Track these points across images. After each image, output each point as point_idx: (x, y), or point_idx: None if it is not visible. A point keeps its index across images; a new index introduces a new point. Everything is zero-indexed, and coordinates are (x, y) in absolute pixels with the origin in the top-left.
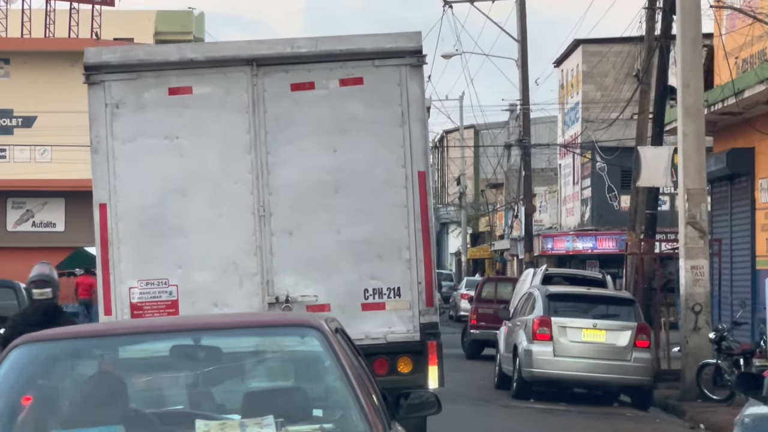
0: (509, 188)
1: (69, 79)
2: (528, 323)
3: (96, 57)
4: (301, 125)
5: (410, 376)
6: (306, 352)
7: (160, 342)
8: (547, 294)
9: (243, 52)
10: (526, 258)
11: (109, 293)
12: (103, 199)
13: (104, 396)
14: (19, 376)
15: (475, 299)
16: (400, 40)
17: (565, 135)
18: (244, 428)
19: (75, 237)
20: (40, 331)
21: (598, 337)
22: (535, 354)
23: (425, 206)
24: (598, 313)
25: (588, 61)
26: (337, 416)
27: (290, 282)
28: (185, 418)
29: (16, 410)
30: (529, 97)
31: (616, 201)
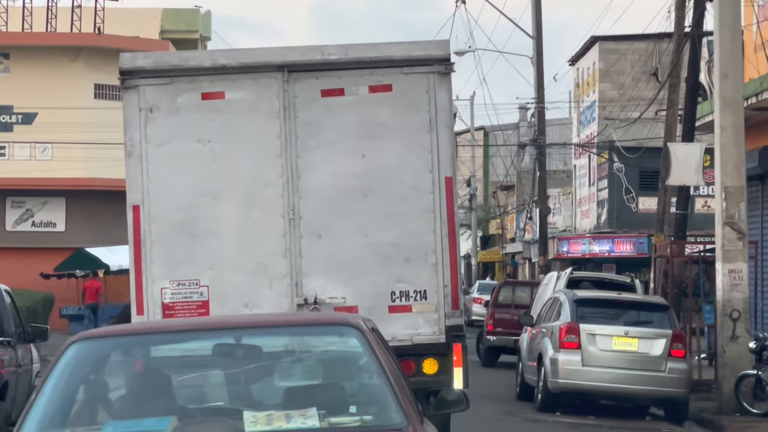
0: (521, 190)
1: (71, 74)
2: (554, 330)
3: (131, 62)
4: (330, 131)
5: (435, 378)
6: (345, 350)
7: (207, 340)
8: (575, 299)
9: (275, 58)
10: (540, 261)
11: (142, 293)
12: (137, 201)
13: (154, 389)
14: (75, 371)
15: (492, 304)
16: (429, 48)
17: (580, 135)
18: (290, 419)
19: (75, 237)
20: (95, 329)
21: (630, 345)
22: (562, 363)
23: (451, 211)
24: (629, 319)
25: (605, 59)
26: (375, 409)
27: (319, 284)
28: (233, 410)
29: (73, 401)
30: (544, 96)
31: (634, 203)
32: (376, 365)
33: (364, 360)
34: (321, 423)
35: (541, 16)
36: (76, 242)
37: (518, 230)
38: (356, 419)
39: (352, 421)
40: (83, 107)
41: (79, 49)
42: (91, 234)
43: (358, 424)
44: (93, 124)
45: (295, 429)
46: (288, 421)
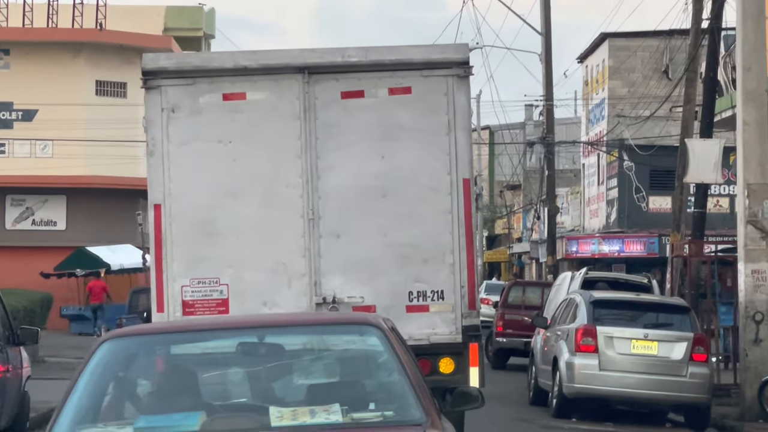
0: (528, 189)
1: (72, 70)
2: (570, 333)
3: (153, 63)
4: (350, 132)
5: (452, 377)
6: (366, 348)
7: (232, 339)
8: (592, 300)
9: (295, 60)
10: (548, 261)
11: (162, 291)
12: (158, 200)
13: (182, 386)
14: (107, 368)
15: (501, 305)
16: (448, 52)
17: (589, 133)
18: (314, 414)
19: (76, 236)
20: (125, 328)
21: (649, 349)
22: (579, 367)
23: (469, 212)
24: (648, 321)
25: (615, 56)
26: (396, 406)
27: (337, 283)
28: (259, 406)
29: (105, 397)
30: (553, 93)
31: (644, 202)
32: (396, 363)
33: (385, 358)
34: (344, 418)
35: (550, 12)
36: (76, 241)
37: (525, 230)
38: (377, 415)
39: (374, 417)
40: (84, 104)
41: (80, 45)
42: (92, 233)
43: (379, 420)
44: (94, 121)
45: (319, 424)
46: (312, 417)
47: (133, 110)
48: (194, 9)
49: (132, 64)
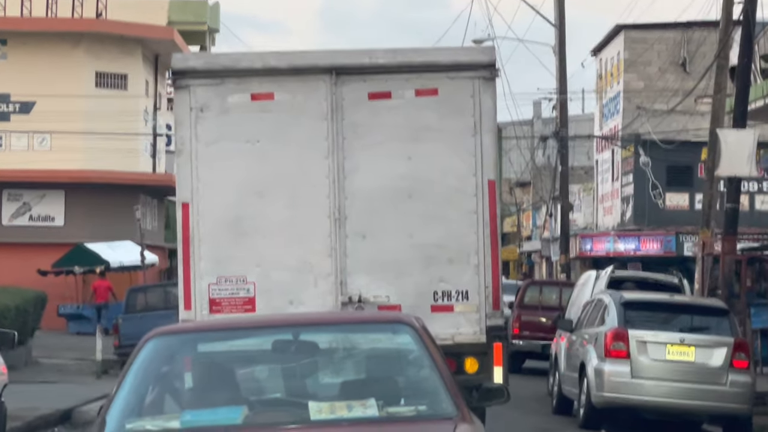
0: (540, 186)
1: (71, 62)
2: (599, 337)
3: (183, 63)
4: (377, 133)
5: (476, 376)
6: (400, 346)
7: (271, 336)
8: (622, 301)
9: (323, 61)
10: (561, 260)
11: (189, 289)
12: (186, 198)
13: (224, 382)
14: (152, 364)
15: (517, 305)
16: (474, 54)
17: (603, 128)
18: (351, 409)
19: (75, 232)
20: (169, 326)
21: (686, 354)
22: (609, 375)
23: (494, 213)
24: (684, 325)
25: (630, 49)
26: (428, 400)
27: (363, 283)
28: (298, 401)
29: (151, 392)
30: (567, 86)
31: (661, 199)
32: (429, 360)
33: (417, 355)
34: (380, 412)
35: (564, 2)
36: (75, 237)
37: (535, 228)
38: (411, 409)
39: (408, 411)
40: (84, 95)
41: (80, 36)
42: (91, 229)
43: (413, 414)
44: (94, 113)
45: (357, 417)
46: (349, 411)
47: (133, 102)
48: (198, 3)
49: (133, 55)
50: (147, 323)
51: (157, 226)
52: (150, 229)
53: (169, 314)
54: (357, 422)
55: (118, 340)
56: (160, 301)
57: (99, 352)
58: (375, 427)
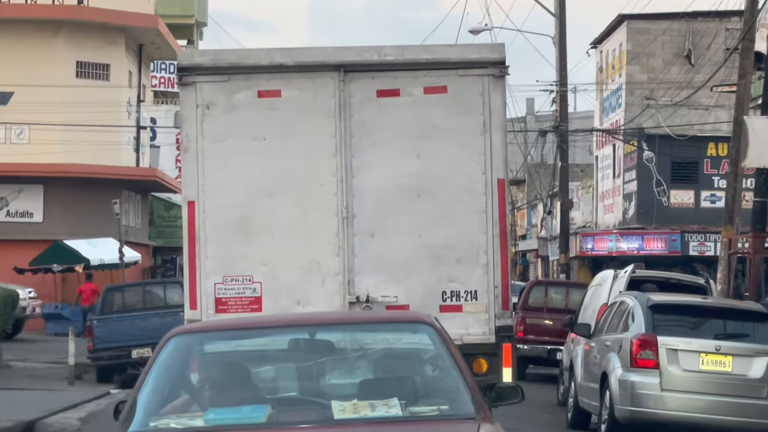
0: (533, 185)
1: (51, 50)
2: (623, 344)
3: (189, 59)
4: (385, 131)
5: (485, 377)
6: (421, 345)
7: (292, 335)
8: (650, 304)
9: (331, 58)
10: (561, 259)
11: (195, 288)
12: (192, 196)
13: (247, 380)
14: (175, 362)
15: (521, 307)
16: (484, 51)
17: (603, 123)
18: (374, 408)
19: (54, 229)
20: (190, 324)
21: (722, 364)
22: (636, 387)
23: (503, 212)
24: (720, 331)
25: (634, 40)
26: (450, 400)
27: (371, 282)
28: (321, 400)
29: (174, 390)
30: (567, 79)
31: (665, 196)
32: (450, 360)
33: (438, 355)
34: (403, 412)
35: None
36: (54, 234)
37: (530, 227)
38: (433, 409)
39: (430, 411)
40: (64, 86)
41: (60, 23)
42: (71, 225)
43: (435, 413)
44: (74, 104)
45: (380, 417)
46: (373, 410)
47: (116, 93)
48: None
49: (115, 44)
50: (123, 325)
51: (140, 222)
52: (133, 225)
53: (147, 316)
54: (381, 421)
55: (92, 343)
56: (138, 301)
57: (72, 357)
58: (399, 426)
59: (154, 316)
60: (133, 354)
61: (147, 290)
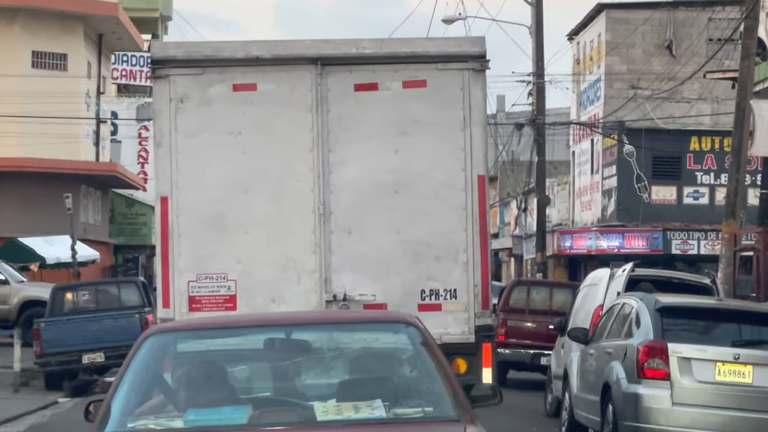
0: (505, 182)
1: (5, 39)
2: (628, 351)
3: (162, 51)
4: (363, 125)
5: (464, 377)
6: (404, 346)
7: (272, 334)
8: (658, 307)
9: (309, 51)
10: (538, 258)
11: (168, 286)
12: (165, 192)
13: (226, 380)
14: (152, 362)
15: (501, 308)
16: (464, 45)
17: (580, 117)
18: (357, 410)
19: (8, 226)
20: (167, 324)
21: (741, 375)
22: (643, 400)
23: (483, 210)
24: (738, 338)
25: (613, 30)
26: (435, 402)
27: (348, 280)
28: (303, 401)
29: (151, 391)
30: (545, 70)
31: (647, 192)
32: (433, 361)
33: (422, 356)
34: (387, 414)
35: None
36: (7, 231)
37: (503, 225)
38: (418, 411)
39: (414, 413)
40: (19, 76)
41: (15, 11)
42: (26, 222)
43: (420, 416)
44: (30, 95)
45: (364, 419)
46: (356, 411)
47: (74, 84)
48: None
49: (74, 33)
50: (73, 328)
51: (100, 220)
52: (92, 223)
53: (99, 318)
54: (364, 423)
55: (40, 347)
56: (91, 301)
57: (17, 362)
58: (383, 428)
59: (107, 318)
60: (84, 359)
61: (100, 290)
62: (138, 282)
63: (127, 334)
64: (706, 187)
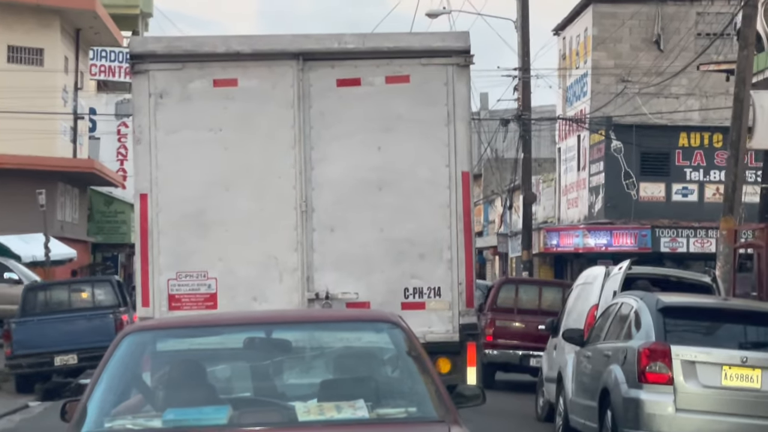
0: (489, 179)
1: None
2: (628, 354)
3: (141, 46)
4: (346, 122)
5: (448, 377)
6: (387, 345)
7: (254, 333)
8: (661, 307)
9: (290, 46)
10: (524, 256)
11: (148, 284)
12: (145, 189)
13: (206, 379)
14: (130, 361)
15: (489, 308)
16: (448, 40)
17: (566, 113)
18: (340, 410)
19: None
20: (145, 322)
21: (749, 379)
22: (645, 406)
23: (468, 207)
24: (745, 340)
25: (600, 24)
26: (418, 402)
27: (331, 279)
28: (284, 401)
29: (129, 390)
30: (530, 65)
31: (635, 189)
32: (417, 360)
33: (405, 355)
34: (370, 414)
35: None
36: None
37: (487, 223)
38: (401, 411)
39: (398, 413)
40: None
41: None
42: (1, 220)
43: (403, 416)
44: (5, 90)
45: (346, 419)
46: (339, 412)
47: (50, 79)
48: None
49: (50, 27)
50: (46, 329)
51: (78, 218)
52: (70, 221)
53: (72, 318)
54: (347, 424)
55: (11, 348)
56: (64, 301)
57: None
58: (366, 428)
59: (81, 318)
60: (56, 361)
61: (73, 289)
62: (113, 281)
63: (102, 334)
64: (695, 183)
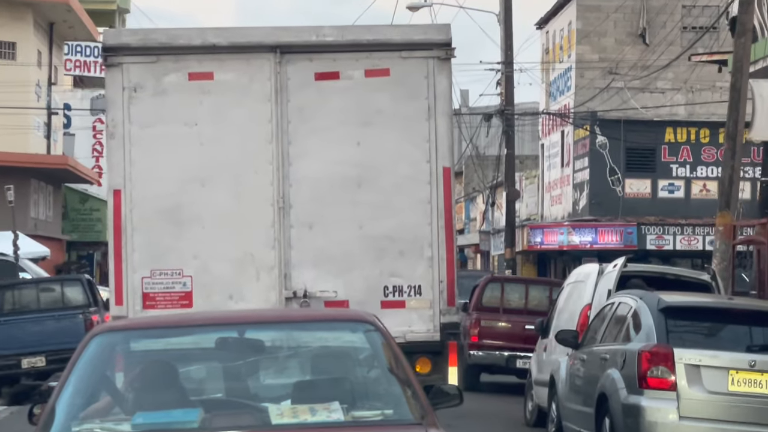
0: (470, 176)
1: None
2: (627, 358)
3: (115, 38)
4: (324, 116)
5: (429, 377)
6: (363, 346)
7: (225, 333)
8: (662, 307)
9: (267, 38)
10: (507, 254)
11: (121, 283)
12: (118, 185)
13: (177, 382)
14: (99, 362)
15: (474, 307)
16: (429, 32)
17: (549, 107)
18: (314, 413)
19: None
20: (115, 322)
21: (758, 384)
22: (647, 413)
23: (449, 203)
24: (753, 342)
25: (584, 18)
26: (395, 404)
27: (309, 277)
28: (257, 403)
29: (98, 393)
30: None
31: (620, 185)
32: (394, 361)
33: (381, 356)
34: (345, 417)
35: None
36: None
37: (468, 220)
38: (377, 413)
39: (374, 415)
40: None
41: None
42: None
43: (379, 418)
44: None
45: (321, 422)
46: (313, 415)
47: (23, 74)
48: None
49: (22, 20)
50: (12, 330)
51: (52, 215)
52: (44, 219)
53: (41, 319)
54: (321, 426)
55: None
56: (31, 302)
57: None
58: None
59: (49, 319)
60: (23, 363)
61: (42, 289)
62: (83, 280)
63: (71, 335)
64: (682, 180)
